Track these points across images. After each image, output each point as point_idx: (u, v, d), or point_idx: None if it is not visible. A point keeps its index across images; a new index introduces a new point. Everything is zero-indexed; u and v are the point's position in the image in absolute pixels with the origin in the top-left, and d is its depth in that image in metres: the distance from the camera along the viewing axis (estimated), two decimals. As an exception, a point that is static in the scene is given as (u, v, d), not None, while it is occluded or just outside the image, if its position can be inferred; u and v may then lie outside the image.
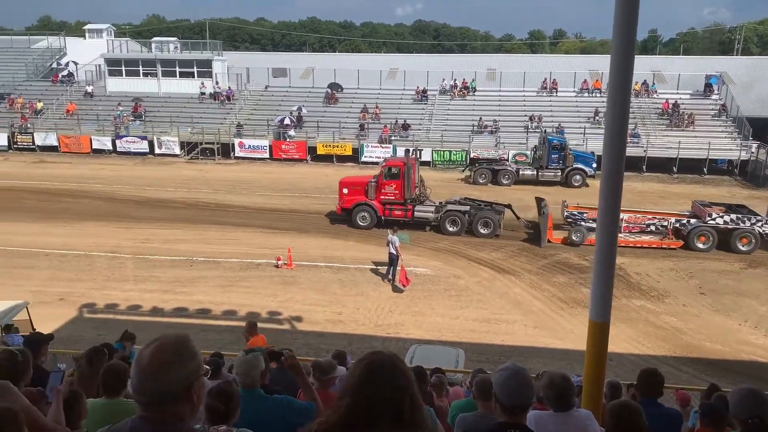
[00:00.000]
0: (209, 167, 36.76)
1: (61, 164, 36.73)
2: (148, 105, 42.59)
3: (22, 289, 17.50)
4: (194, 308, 17.05)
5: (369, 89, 43.43)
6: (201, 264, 20.42)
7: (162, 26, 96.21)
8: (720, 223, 22.07)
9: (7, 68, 48.41)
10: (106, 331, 14.82)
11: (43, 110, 42.60)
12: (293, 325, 16.35)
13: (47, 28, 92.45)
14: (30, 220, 24.82)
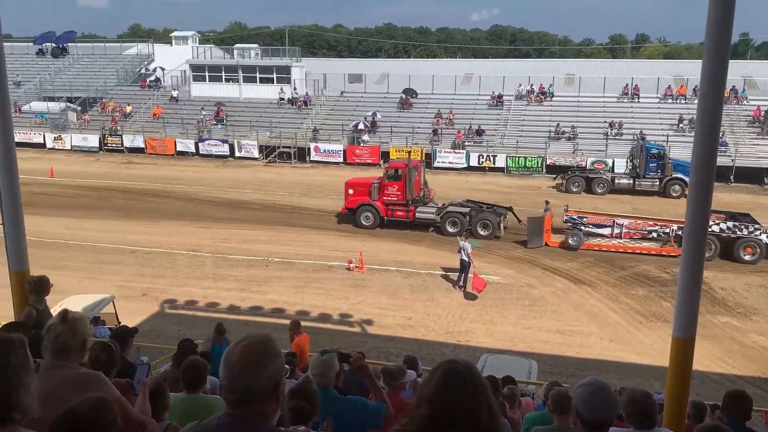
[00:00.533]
0: (285, 170, 37.64)
1: (147, 165, 38.52)
2: (229, 109, 44.08)
3: (109, 284, 18.48)
4: (269, 307, 17.47)
5: (443, 94, 43.36)
6: (276, 264, 20.91)
7: (244, 33, 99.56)
8: (716, 231, 21.20)
9: (100, 74, 51.29)
10: (185, 327, 15.46)
11: (132, 114, 44.84)
12: (363, 328, 16.47)
13: (137, 35, 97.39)
14: (118, 218, 26.15)
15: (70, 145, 42.68)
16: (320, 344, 14.57)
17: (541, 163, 36.18)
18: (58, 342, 3.17)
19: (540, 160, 36.24)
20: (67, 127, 44.07)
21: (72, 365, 3.25)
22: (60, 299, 14.69)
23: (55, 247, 21.50)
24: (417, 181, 25.11)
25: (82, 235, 23.49)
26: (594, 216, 23.30)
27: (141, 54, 54.57)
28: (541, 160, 36.23)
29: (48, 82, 50.06)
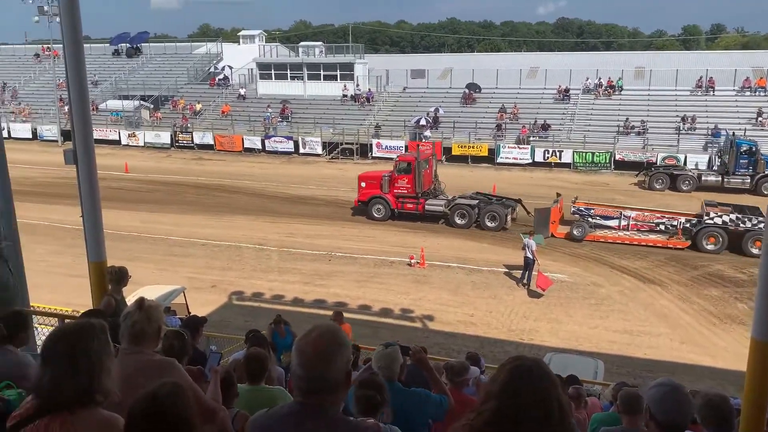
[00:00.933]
0: (348, 166, 37.94)
1: (216, 161, 39.67)
2: (294, 107, 44.82)
3: (179, 275, 19.17)
4: (332, 301, 17.69)
5: (508, 89, 42.71)
6: (339, 259, 21.16)
7: (308, 31, 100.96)
8: (719, 223, 21.33)
9: (172, 73, 53.10)
10: (251, 318, 15.84)
11: (202, 111, 46.23)
12: (425, 323, 16.47)
13: (206, 35, 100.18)
14: (189, 213, 27.06)
15: (143, 141, 44.41)
16: (381, 338, 14.67)
17: (609, 158, 35.14)
18: (134, 329, 3.30)
19: (608, 155, 35.21)
20: (140, 124, 45.88)
21: (147, 352, 3.38)
22: (134, 290, 15.31)
23: (130, 239, 22.43)
24: (428, 174, 25.58)
25: (154, 228, 24.43)
26: (601, 207, 23.48)
27: (210, 53, 56.14)
28: (609, 155, 35.19)
29: (123, 81, 52.20)
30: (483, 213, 23.99)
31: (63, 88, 48.37)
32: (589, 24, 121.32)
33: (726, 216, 21.44)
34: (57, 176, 32.80)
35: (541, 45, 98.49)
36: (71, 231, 22.66)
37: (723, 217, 21.43)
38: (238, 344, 12.36)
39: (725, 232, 21.30)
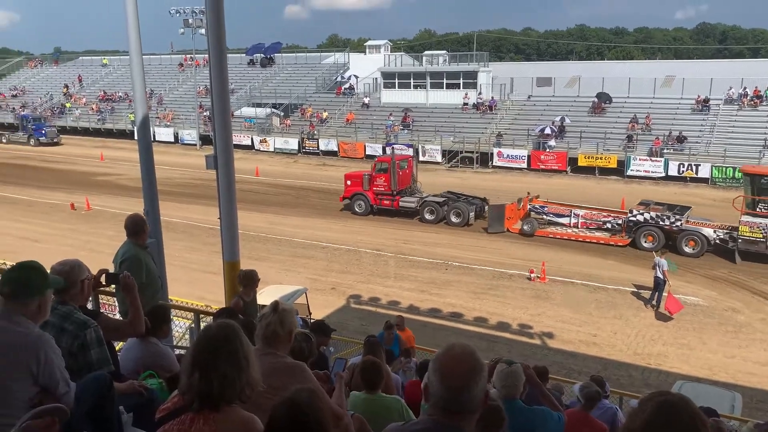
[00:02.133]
0: (467, 175, 37.73)
1: (339, 167, 40.74)
2: (415, 115, 45.25)
3: (302, 276, 19.89)
4: (447, 310, 17.61)
5: (640, 98, 40.59)
6: (455, 268, 21.03)
7: (433, 40, 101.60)
8: (641, 221, 22.40)
9: (301, 82, 55.42)
10: (368, 322, 16.11)
11: (328, 119, 47.84)
12: (543, 341, 15.95)
13: (334, 45, 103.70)
14: (312, 216, 28.06)
15: (273, 147, 46.65)
16: (497, 353, 14.40)
17: (753, 174, 32.34)
18: (268, 330, 3.42)
19: (752, 171, 32.40)
20: (271, 130, 48.25)
21: (279, 354, 3.49)
22: (260, 288, 16.15)
23: (258, 239, 23.59)
24: (406, 174, 28.15)
25: (280, 230, 25.54)
26: (555, 206, 24.87)
27: (338, 63, 58.02)
28: (753, 171, 32.38)
29: (256, 90, 55.16)
30: (449, 209, 26.06)
31: (202, 95, 52.03)
32: (734, 29, 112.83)
33: (648, 214, 22.39)
34: (195, 178, 35.30)
35: (678, 52, 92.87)
36: (206, 230, 24.25)
37: (645, 215, 22.39)
38: (355, 348, 12.62)
39: (661, 230, 22.06)
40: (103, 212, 28.69)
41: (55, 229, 26.13)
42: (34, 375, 3.01)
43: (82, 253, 22.03)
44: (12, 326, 3.05)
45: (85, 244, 23.42)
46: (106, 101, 59.47)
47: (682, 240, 21.66)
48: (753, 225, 20.46)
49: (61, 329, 3.54)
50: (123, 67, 65.35)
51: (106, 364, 3.64)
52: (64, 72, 70.95)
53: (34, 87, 68.69)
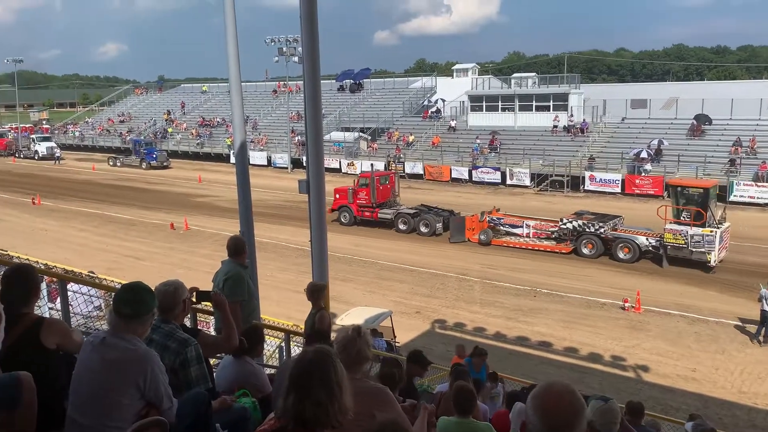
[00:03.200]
0: (557, 199, 36.83)
1: (424, 190, 40.97)
2: (503, 138, 44.79)
3: (387, 299, 19.98)
4: (535, 339, 17.14)
5: (744, 120, 38.37)
6: (544, 296, 20.48)
7: (521, 62, 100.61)
8: (571, 228, 24.61)
9: (389, 106, 56.23)
10: (453, 348, 15.90)
11: (414, 142, 48.19)
12: (638, 374, 15.20)
13: (422, 70, 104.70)
14: (397, 239, 28.22)
15: (360, 170, 47.35)
16: (588, 385, 13.88)
17: None
18: (351, 354, 3.42)
19: None
20: (358, 154, 49.12)
21: (357, 377, 3.49)
22: (346, 309, 16.36)
23: (344, 260, 23.92)
24: (386, 188, 30.82)
25: (365, 251, 25.83)
26: (510, 218, 27.01)
27: (425, 87, 58.49)
28: None
29: (345, 115, 56.45)
30: (419, 220, 28.52)
31: (294, 120, 53.80)
32: None
33: (575, 222, 24.59)
34: (286, 200, 36.32)
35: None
36: (295, 250, 24.89)
37: (573, 223, 24.60)
38: (440, 374, 12.50)
39: (599, 238, 24.03)
40: (200, 232, 30.06)
41: (156, 248, 27.59)
42: (142, 390, 3.17)
43: (179, 271, 23.14)
44: (124, 343, 3.23)
45: (182, 262, 24.58)
46: (204, 126, 62.60)
47: (616, 247, 23.71)
48: (676, 232, 22.36)
49: (165, 347, 3.72)
50: (221, 94, 68.73)
51: (205, 381, 3.78)
52: (167, 99, 75.39)
53: (139, 113, 73.37)
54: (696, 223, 21.99)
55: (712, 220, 22.22)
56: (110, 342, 3.26)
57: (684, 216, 22.43)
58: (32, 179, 48.80)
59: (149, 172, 52.38)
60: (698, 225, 21.98)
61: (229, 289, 6.43)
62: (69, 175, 52.07)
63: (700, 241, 21.88)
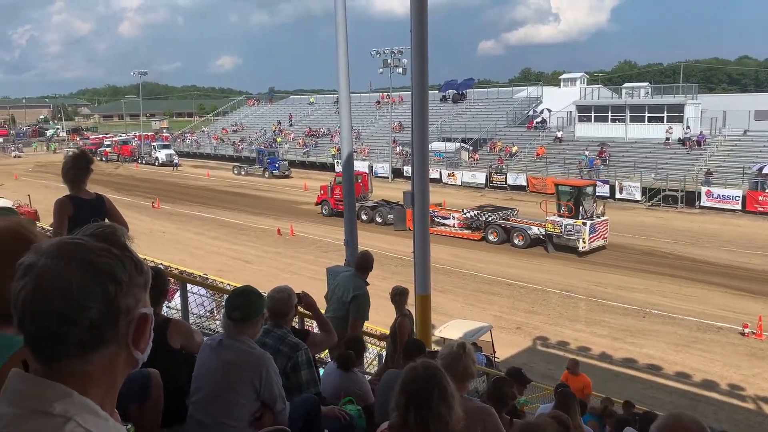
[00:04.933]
0: (670, 215, 34.94)
1: (527, 202, 39.95)
2: (612, 150, 43.07)
3: (486, 313, 19.71)
4: (643, 362, 16.33)
5: None
6: (654, 317, 19.47)
7: (633, 72, 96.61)
8: (469, 218, 29.95)
9: (492, 116, 55.63)
10: (555, 366, 15.45)
11: (517, 153, 47.35)
12: (759, 406, 14.11)
13: (527, 79, 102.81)
14: (499, 252, 27.79)
15: (460, 181, 47.19)
16: (701, 414, 13.03)
17: None
18: (458, 370, 3.42)
19: None
20: (459, 164, 48.91)
21: (463, 394, 3.48)
22: (445, 321, 16.30)
23: (442, 272, 23.82)
24: (358, 185, 32.03)
25: (465, 263, 25.63)
26: (442, 210, 31.79)
27: (530, 97, 57.39)
28: None
29: (447, 125, 56.39)
30: (374, 213, 33.98)
31: (396, 130, 54.42)
32: None
33: (471, 212, 30.07)
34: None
35: None
36: (394, 259, 25.15)
37: (469, 213, 30.07)
38: (541, 393, 12.19)
39: (501, 228, 28.92)
40: (304, 238, 31.03)
41: (263, 252, 28.77)
42: (257, 391, 3.33)
43: (284, 275, 24.02)
44: (240, 346, 3.41)
45: (288, 267, 25.47)
46: (311, 136, 64.64)
47: (513, 234, 28.55)
48: (555, 223, 26.92)
49: (277, 351, 3.89)
50: (327, 105, 70.71)
51: (315, 385, 3.92)
52: (277, 110, 78.51)
53: (251, 123, 76.87)
54: (569, 216, 26.42)
55: (584, 213, 26.47)
56: (227, 344, 3.45)
57: (562, 210, 26.86)
58: (152, 184, 52.36)
59: (260, 180, 54.59)
60: (571, 217, 26.39)
61: (357, 308, 6.69)
62: (185, 180, 55.39)
63: (572, 230, 26.20)
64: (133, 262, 1.17)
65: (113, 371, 1.18)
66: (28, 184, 50.01)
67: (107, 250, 1.14)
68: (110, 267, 1.13)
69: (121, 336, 1.15)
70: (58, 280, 1.09)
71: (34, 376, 1.12)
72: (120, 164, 68.04)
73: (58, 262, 1.10)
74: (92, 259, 1.12)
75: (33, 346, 1.12)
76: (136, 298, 1.17)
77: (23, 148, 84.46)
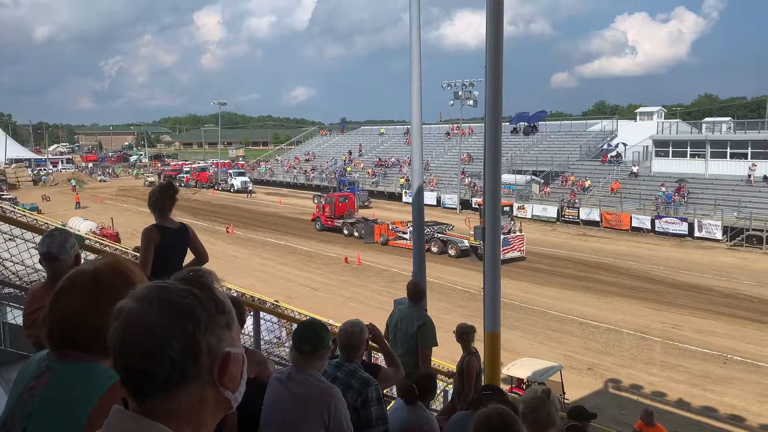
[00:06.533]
0: (754, 256, 33.13)
1: (600, 238, 39.01)
2: (692, 186, 41.42)
3: (556, 352, 19.14)
4: (724, 411, 15.40)
5: None
6: (736, 363, 18.39)
7: (714, 105, 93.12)
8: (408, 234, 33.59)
9: (564, 149, 54.70)
10: (628, 411, 14.81)
11: (590, 188, 46.25)
12: None
13: (601, 112, 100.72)
14: (568, 288, 27.03)
15: (531, 214, 46.43)
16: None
17: None
18: (540, 416, 3.33)
19: None
20: (529, 197, 48.18)
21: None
22: (512, 358, 15.93)
23: (511, 307, 23.32)
24: (344, 205, 42.35)
25: (534, 299, 25.05)
26: (402, 225, 35.93)
27: (604, 130, 56.20)
28: None
29: (518, 157, 55.77)
30: (352, 227, 39.72)
31: (465, 162, 54.26)
32: None
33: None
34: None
35: None
36: (461, 292, 24.91)
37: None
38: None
39: (441, 240, 33.74)
40: (371, 267, 31.19)
41: (330, 279, 29.07)
42: (326, 424, 3.34)
43: (351, 304, 24.19)
44: (309, 379, 3.44)
45: (355, 296, 25.61)
46: (380, 166, 65.36)
47: (448, 246, 33.45)
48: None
49: (348, 385, 3.90)
50: (396, 136, 71.45)
51: (384, 422, 3.90)
52: (348, 140, 79.94)
53: (322, 152, 78.52)
54: None
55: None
56: (296, 377, 3.49)
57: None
58: (227, 210, 54.07)
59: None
60: None
61: (425, 336, 6.67)
62: (258, 207, 56.91)
63: None
64: (213, 302, 1.22)
65: (203, 411, 1.22)
66: (111, 208, 52.70)
67: (188, 291, 1.21)
68: (189, 306, 1.19)
69: (204, 374, 1.19)
70: (141, 320, 1.16)
71: (133, 414, 1.18)
72: (198, 190, 70.71)
73: (142, 304, 1.18)
74: (173, 299, 1.19)
75: (126, 383, 1.19)
76: (218, 336, 1.21)
77: (115, 171, 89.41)
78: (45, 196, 58.94)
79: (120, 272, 1.65)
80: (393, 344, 6.64)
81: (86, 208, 51.98)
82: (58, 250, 3.07)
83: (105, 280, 1.61)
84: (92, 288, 1.58)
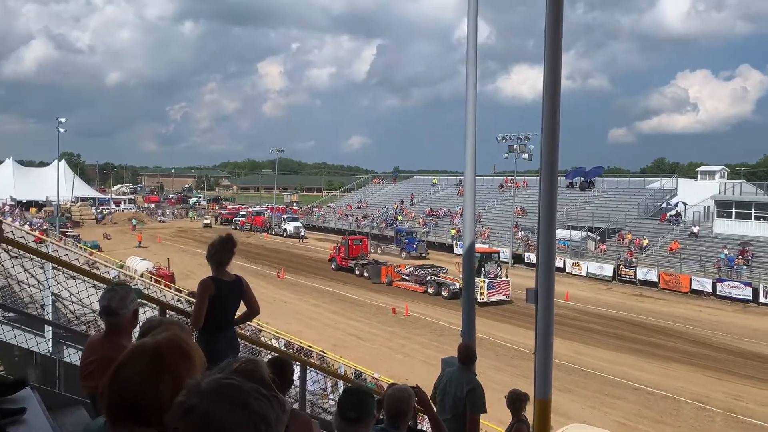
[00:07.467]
0: (826, 326, 31.24)
1: (657, 300, 37.60)
2: (756, 249, 39.73)
3: (609, 418, 18.34)
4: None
5: None
6: (806, 443, 17.17)
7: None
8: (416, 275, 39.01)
9: (622, 206, 53.52)
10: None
11: (648, 247, 44.92)
12: None
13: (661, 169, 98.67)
14: (624, 351, 25.98)
15: (585, 271, 45.29)
16: None
17: None
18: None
19: None
20: (585, 254, 47.10)
21: None
22: (562, 423, 15.29)
23: (563, 368, 22.56)
24: (359, 247, 46.08)
25: (587, 361, 24.17)
26: (404, 267, 41.41)
27: (663, 188, 54.88)
28: None
29: (573, 212, 54.88)
30: (363, 268, 42.86)
31: (519, 215, 53.66)
32: None
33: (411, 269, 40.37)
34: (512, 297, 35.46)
35: None
36: (511, 350, 24.30)
37: (410, 269, 40.22)
38: None
39: (436, 283, 37.11)
40: (419, 319, 30.85)
41: (378, 330, 28.86)
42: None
43: (397, 356, 23.89)
44: None
45: (401, 348, 25.29)
46: (431, 216, 65.36)
47: (442, 288, 36.15)
48: None
49: (393, 452, 3.80)
50: (449, 186, 71.55)
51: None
52: (400, 189, 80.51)
53: (375, 201, 79.20)
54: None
55: (486, 273, 34.42)
56: (340, 446, 3.42)
57: None
58: (279, 254, 54.80)
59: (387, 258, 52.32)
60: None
61: (474, 402, 6.52)
62: (310, 253, 57.47)
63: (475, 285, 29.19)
64: (279, 402, 1.27)
65: None
66: (169, 248, 54.18)
67: (258, 391, 1.24)
68: (263, 409, 1.23)
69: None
70: (219, 423, 1.19)
71: None
72: (252, 233, 72.12)
73: (220, 406, 1.20)
74: (248, 402, 1.22)
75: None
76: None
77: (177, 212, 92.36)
78: (106, 235, 61.23)
79: (180, 349, 1.67)
80: (440, 408, 6.49)
81: (145, 248, 53.60)
82: (118, 305, 3.15)
83: (165, 357, 1.63)
84: (152, 365, 1.60)
